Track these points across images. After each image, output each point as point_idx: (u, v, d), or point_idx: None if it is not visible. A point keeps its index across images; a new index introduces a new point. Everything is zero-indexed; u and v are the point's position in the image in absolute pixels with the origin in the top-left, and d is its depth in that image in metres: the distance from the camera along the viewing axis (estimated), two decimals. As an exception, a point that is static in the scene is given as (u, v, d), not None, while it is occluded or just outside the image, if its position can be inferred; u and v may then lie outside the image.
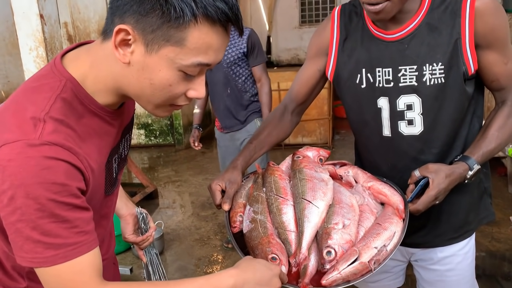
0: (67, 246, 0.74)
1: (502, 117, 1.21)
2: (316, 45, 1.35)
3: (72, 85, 0.81)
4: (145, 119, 6.18)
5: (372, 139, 1.31)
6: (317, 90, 1.42)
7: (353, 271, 0.96)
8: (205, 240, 3.47)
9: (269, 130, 1.38)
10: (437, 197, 1.12)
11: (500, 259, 2.99)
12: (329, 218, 1.05)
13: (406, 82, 1.18)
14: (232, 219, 1.14)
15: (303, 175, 1.16)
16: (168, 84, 0.78)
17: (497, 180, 4.16)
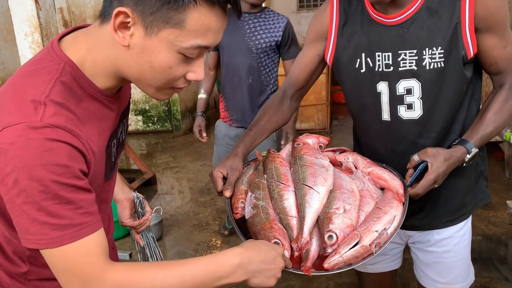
0: (73, 227, 0.74)
1: (499, 101, 1.21)
2: (315, 30, 1.35)
3: (71, 69, 0.80)
4: (142, 105, 6.16)
5: (371, 124, 1.31)
6: (316, 74, 1.41)
7: (355, 254, 0.98)
8: (204, 225, 3.49)
9: (269, 116, 1.38)
10: (436, 180, 1.13)
11: (496, 243, 3.02)
12: (330, 203, 1.06)
13: (406, 66, 1.19)
14: (234, 205, 1.15)
15: (303, 162, 1.17)
16: (168, 66, 0.78)
17: (494, 165, 4.18)
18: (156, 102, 6.12)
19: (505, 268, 2.69)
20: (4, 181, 0.73)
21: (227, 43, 2.51)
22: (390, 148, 1.30)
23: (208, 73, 2.71)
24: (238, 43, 2.50)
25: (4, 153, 0.71)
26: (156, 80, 0.80)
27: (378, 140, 1.32)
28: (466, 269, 1.43)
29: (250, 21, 2.50)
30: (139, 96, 6.12)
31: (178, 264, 0.82)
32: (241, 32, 2.49)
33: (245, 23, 2.49)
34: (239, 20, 2.07)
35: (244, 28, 2.49)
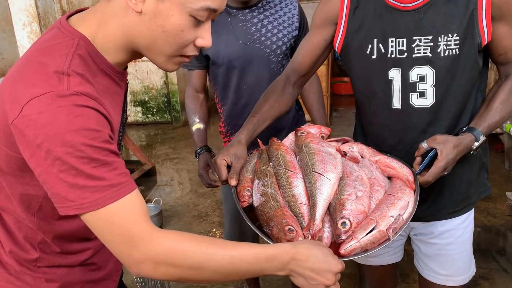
0: (113, 187, 0.75)
1: (506, 91, 1.21)
2: (323, 14, 1.31)
3: (84, 43, 0.82)
4: (142, 96, 6.14)
5: (380, 112, 1.29)
6: (321, 61, 1.38)
7: (372, 239, 0.96)
8: (203, 216, 3.50)
9: (271, 103, 1.34)
10: (446, 167, 1.12)
11: (495, 234, 3.03)
12: (342, 190, 1.04)
13: (420, 53, 1.17)
14: (240, 193, 1.12)
15: (310, 149, 1.14)
16: (180, 29, 0.79)
17: (494, 156, 4.18)
18: (155, 93, 6.10)
19: (503, 259, 2.70)
20: (35, 154, 0.73)
21: (232, 58, 1.71)
22: (399, 137, 1.28)
23: (197, 97, 1.95)
24: (248, 53, 1.69)
25: (33, 124, 0.71)
26: (168, 45, 0.81)
27: (387, 129, 1.30)
28: (469, 261, 1.43)
29: (254, 19, 1.69)
30: (138, 87, 6.09)
31: (229, 245, 0.82)
32: (247, 37, 1.68)
33: (248, 23, 1.69)
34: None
35: (251, 31, 1.68)
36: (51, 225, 0.89)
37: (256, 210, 1.07)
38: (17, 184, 0.84)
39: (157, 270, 0.77)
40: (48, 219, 0.88)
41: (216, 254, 0.78)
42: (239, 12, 1.68)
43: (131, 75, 6.03)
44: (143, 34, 0.81)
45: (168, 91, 6.05)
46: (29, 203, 0.86)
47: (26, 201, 0.86)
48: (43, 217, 0.88)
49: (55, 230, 0.90)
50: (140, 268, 0.77)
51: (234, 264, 0.79)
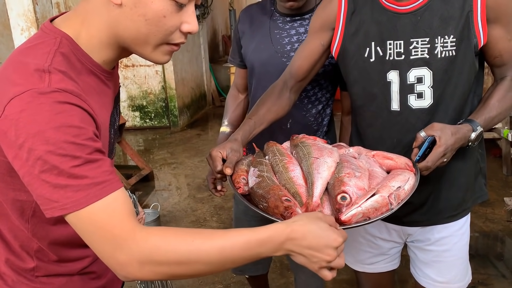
0: (97, 185, 0.72)
1: (502, 89, 1.22)
2: (321, 19, 1.32)
3: (67, 42, 0.80)
4: (140, 101, 6.14)
5: (379, 114, 1.29)
6: (318, 66, 1.38)
7: (374, 204, 0.93)
8: (201, 221, 3.48)
9: (268, 106, 1.34)
10: (445, 153, 1.11)
11: (493, 239, 3.03)
12: (339, 170, 1.02)
13: (417, 54, 1.18)
14: (236, 180, 1.10)
15: (306, 144, 1.14)
16: (162, 15, 0.77)
17: (491, 162, 4.19)
18: (153, 98, 6.10)
19: (502, 265, 2.70)
20: (18, 156, 0.71)
21: (254, 63, 1.63)
22: (397, 139, 1.28)
23: (236, 97, 1.82)
24: (270, 63, 1.58)
25: (14, 123, 0.70)
26: (152, 34, 0.79)
27: (385, 132, 1.30)
28: (465, 268, 1.43)
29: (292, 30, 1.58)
30: (136, 92, 6.09)
31: (217, 234, 0.77)
32: (277, 47, 1.58)
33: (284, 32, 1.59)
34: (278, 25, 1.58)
35: (283, 42, 1.58)
36: (46, 231, 0.88)
37: (251, 190, 1.05)
38: (8, 190, 0.83)
39: (143, 270, 0.73)
40: (42, 225, 0.87)
41: (203, 245, 0.74)
42: (280, 18, 1.60)
43: (129, 80, 6.03)
44: (126, 27, 0.79)
45: (166, 96, 6.05)
46: (22, 209, 0.85)
47: (19, 207, 0.84)
48: (37, 223, 0.86)
49: (50, 236, 0.89)
50: (126, 271, 0.74)
51: (225, 253, 0.75)
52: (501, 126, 3.93)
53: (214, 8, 7.01)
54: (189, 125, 6.26)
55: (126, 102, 6.16)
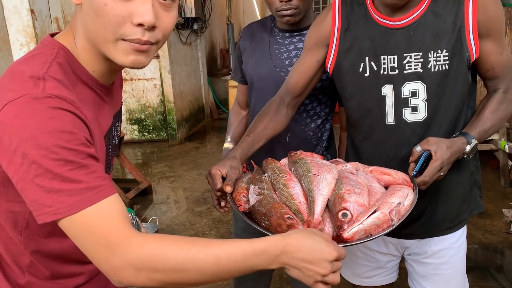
0: (91, 190, 0.72)
1: (495, 102, 1.25)
2: (315, 36, 1.34)
3: (64, 53, 0.81)
4: (138, 114, 6.15)
5: (375, 128, 1.30)
6: (314, 82, 1.40)
7: (375, 221, 0.93)
8: (200, 235, 3.47)
9: (266, 122, 1.35)
10: (441, 167, 1.12)
11: (492, 251, 3.02)
12: (339, 187, 1.03)
13: (411, 69, 1.20)
14: (236, 198, 1.10)
15: (304, 160, 1.15)
16: (103, 3, 0.74)
17: (489, 173, 4.19)
18: (152, 111, 6.11)
19: (501, 277, 2.68)
20: (12, 161, 0.71)
21: (253, 78, 1.65)
22: (393, 152, 1.29)
23: (238, 113, 1.84)
24: (269, 77, 1.59)
25: (8, 129, 0.70)
26: (101, 28, 0.76)
27: (381, 145, 1.31)
28: (463, 280, 1.43)
29: (291, 45, 1.60)
30: (134, 105, 6.11)
31: (214, 244, 0.76)
32: (276, 62, 1.59)
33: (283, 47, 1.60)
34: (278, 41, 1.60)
35: (282, 57, 1.59)
36: (39, 244, 0.87)
37: (253, 208, 1.05)
38: (1, 201, 0.82)
39: (138, 276, 0.72)
40: (35, 237, 0.86)
41: (200, 254, 0.73)
42: (279, 33, 1.62)
43: (128, 94, 6.05)
44: (87, 25, 0.78)
45: (165, 109, 6.06)
46: (16, 220, 0.84)
47: (12, 218, 0.83)
48: (31, 235, 0.85)
49: (43, 249, 0.88)
50: (121, 276, 0.72)
51: (220, 263, 0.74)
52: (498, 137, 3.95)
53: (212, 22, 7.07)
54: (187, 138, 6.27)
55: (124, 115, 6.16)
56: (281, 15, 1.49)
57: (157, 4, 0.78)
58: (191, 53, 6.59)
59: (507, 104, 1.25)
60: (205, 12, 6.65)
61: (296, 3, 1.45)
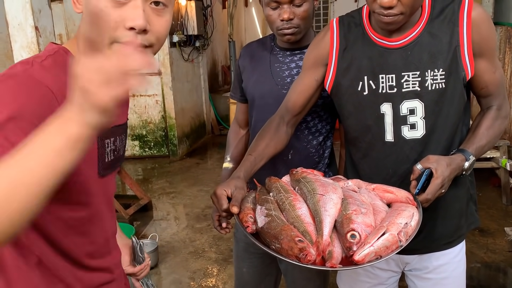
0: None
1: (489, 119, 1.28)
2: (314, 55, 1.36)
3: (64, 53, 0.84)
4: (139, 130, 6.17)
5: (374, 145, 1.32)
6: (313, 101, 1.42)
7: (385, 243, 0.95)
8: (200, 252, 3.44)
9: (267, 141, 1.36)
10: (443, 184, 1.14)
11: (495, 270, 2.99)
12: (346, 207, 1.04)
13: (409, 87, 1.23)
14: (243, 219, 1.10)
15: (308, 179, 1.16)
16: (98, 9, 0.77)
17: (491, 191, 4.18)
18: (153, 127, 6.13)
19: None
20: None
21: (255, 96, 1.66)
22: (393, 169, 1.31)
23: (237, 132, 1.83)
24: (271, 95, 1.59)
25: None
26: (98, 33, 0.79)
27: (380, 163, 1.33)
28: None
29: (292, 63, 1.60)
30: (136, 121, 6.13)
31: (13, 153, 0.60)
32: (277, 80, 1.60)
33: (284, 65, 1.61)
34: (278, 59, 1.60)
35: (283, 75, 1.60)
36: None
37: (262, 230, 1.05)
38: None
39: None
40: None
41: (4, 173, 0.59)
42: (280, 52, 1.62)
43: (130, 110, 6.05)
44: (85, 31, 0.82)
45: (166, 125, 6.08)
46: None
47: None
48: None
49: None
50: None
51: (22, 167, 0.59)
52: (499, 155, 3.95)
53: (213, 40, 7.14)
54: (188, 154, 6.27)
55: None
56: (282, 33, 1.50)
57: (148, 9, 0.80)
58: (193, 70, 6.64)
59: (501, 120, 1.29)
60: (207, 29, 6.73)
61: (297, 22, 1.47)
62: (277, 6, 1.45)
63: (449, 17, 1.20)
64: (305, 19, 1.48)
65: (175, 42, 5.90)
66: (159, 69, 0.70)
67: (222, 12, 7.84)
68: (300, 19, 1.46)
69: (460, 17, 1.19)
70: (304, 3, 1.45)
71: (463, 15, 1.19)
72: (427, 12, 1.22)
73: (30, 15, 3.48)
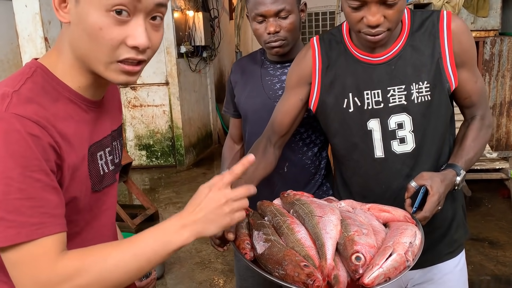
0: (31, 225, 0.71)
1: (474, 129, 1.29)
2: (296, 75, 1.35)
3: (42, 72, 0.82)
4: (146, 140, 6.20)
5: (363, 163, 1.31)
6: (298, 120, 1.40)
7: (393, 264, 0.92)
8: (206, 263, 3.43)
9: (256, 164, 1.32)
10: (439, 201, 1.14)
11: (505, 284, 2.94)
12: (346, 228, 1.01)
13: (395, 102, 1.23)
14: (240, 246, 1.07)
15: (303, 201, 1.13)
16: (98, 28, 0.75)
17: (500, 203, 4.13)
18: (160, 137, 6.15)
19: (516, 310, 2.61)
20: None
21: (248, 110, 1.66)
22: (386, 185, 1.30)
23: (232, 148, 1.83)
24: (263, 109, 1.59)
25: None
26: (95, 50, 0.78)
27: (372, 179, 1.31)
28: None
29: (283, 76, 1.60)
30: (143, 131, 6.16)
31: (126, 241, 0.79)
32: (269, 93, 1.60)
33: (275, 78, 1.62)
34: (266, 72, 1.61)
35: (275, 88, 1.60)
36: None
37: (262, 256, 1.01)
38: None
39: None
40: None
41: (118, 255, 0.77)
42: (271, 65, 1.63)
43: (137, 120, 6.11)
44: (77, 45, 0.80)
45: (173, 135, 6.10)
46: None
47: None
48: None
49: None
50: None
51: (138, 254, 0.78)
52: (508, 166, 3.91)
53: (221, 50, 7.19)
54: (195, 164, 6.28)
55: (133, 141, 6.21)
56: (270, 47, 1.50)
57: (148, 26, 0.80)
58: (200, 80, 6.68)
59: (485, 130, 1.30)
60: (214, 40, 6.77)
61: (284, 34, 1.46)
62: (263, 19, 1.46)
63: (429, 29, 1.21)
64: (291, 31, 1.47)
65: (182, 53, 5.95)
66: None
67: (229, 23, 7.90)
68: (286, 31, 1.46)
69: (440, 29, 1.20)
70: (289, 15, 1.45)
71: (443, 27, 1.20)
72: (407, 26, 1.23)
73: (40, 26, 3.53)
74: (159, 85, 5.98)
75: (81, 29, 0.77)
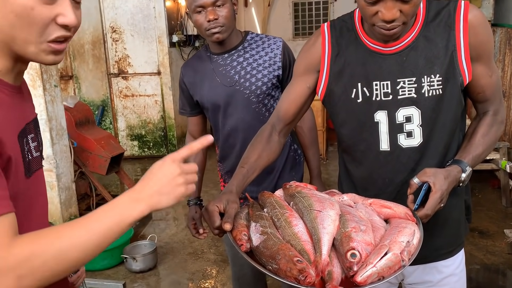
0: None
1: (485, 125, 1.25)
2: (305, 62, 1.32)
3: None
4: (138, 130, 6.16)
5: (368, 154, 1.29)
6: (305, 108, 1.38)
7: (388, 263, 0.92)
8: (199, 253, 3.44)
9: (259, 152, 1.31)
10: (442, 199, 1.11)
11: (494, 272, 2.99)
12: (344, 224, 1.00)
13: (405, 94, 1.19)
14: (237, 237, 1.06)
15: (303, 194, 1.12)
16: (29, 7, 0.76)
17: (490, 193, 4.18)
18: (152, 127, 6.12)
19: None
20: None
21: (215, 100, 1.77)
22: (389, 178, 1.27)
23: None
24: (229, 95, 1.73)
25: None
26: (26, 31, 0.78)
27: (376, 171, 1.29)
28: None
29: (234, 62, 1.75)
30: (135, 121, 6.12)
31: (80, 220, 0.79)
32: (227, 81, 1.73)
33: (228, 66, 1.74)
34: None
35: (230, 75, 1.74)
36: None
37: (257, 249, 1.01)
38: None
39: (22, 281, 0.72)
40: None
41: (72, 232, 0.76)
42: (219, 57, 1.77)
43: (128, 110, 6.06)
44: (3, 27, 0.78)
45: (165, 125, 6.08)
46: None
47: None
48: None
49: None
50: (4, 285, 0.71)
51: (93, 229, 0.77)
52: (499, 157, 3.95)
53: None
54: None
55: (124, 131, 6.17)
56: (211, 33, 1.65)
57: (72, 4, 0.83)
58: (192, 70, 6.63)
59: (497, 126, 1.25)
60: (207, 29, 6.72)
61: (222, 21, 1.63)
62: (202, 10, 1.62)
63: (445, 20, 1.17)
64: (228, 19, 1.64)
65: (174, 42, 5.90)
66: None
67: (221, 12, 7.84)
68: (224, 19, 1.63)
69: (457, 20, 1.16)
70: (225, 4, 1.63)
71: (459, 18, 1.16)
72: (422, 16, 1.18)
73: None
74: (151, 75, 5.93)
75: (8, 11, 0.77)
